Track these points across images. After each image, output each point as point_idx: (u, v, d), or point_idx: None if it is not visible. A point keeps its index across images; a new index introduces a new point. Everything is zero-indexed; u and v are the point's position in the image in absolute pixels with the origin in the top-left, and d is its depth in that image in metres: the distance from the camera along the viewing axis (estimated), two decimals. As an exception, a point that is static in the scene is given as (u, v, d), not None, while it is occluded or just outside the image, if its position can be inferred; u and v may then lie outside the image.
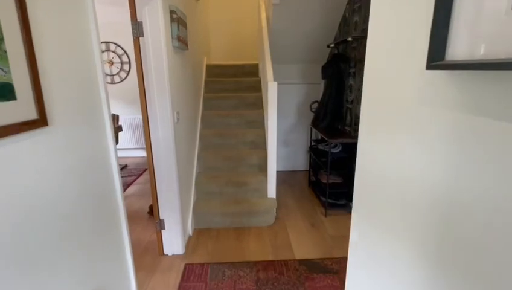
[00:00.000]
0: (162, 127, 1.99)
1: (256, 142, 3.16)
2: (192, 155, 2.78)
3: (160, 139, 2.01)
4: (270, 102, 2.58)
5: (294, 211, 2.97)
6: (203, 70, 3.63)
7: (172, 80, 2.08)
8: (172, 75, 2.07)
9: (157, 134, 2.00)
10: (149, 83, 1.90)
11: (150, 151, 2.04)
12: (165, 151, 2.04)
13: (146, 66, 1.87)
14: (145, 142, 2.04)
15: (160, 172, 2.07)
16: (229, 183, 2.80)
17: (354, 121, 2.84)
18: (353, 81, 2.86)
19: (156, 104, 1.94)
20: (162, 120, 1.98)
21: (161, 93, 1.93)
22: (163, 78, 1.90)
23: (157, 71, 1.88)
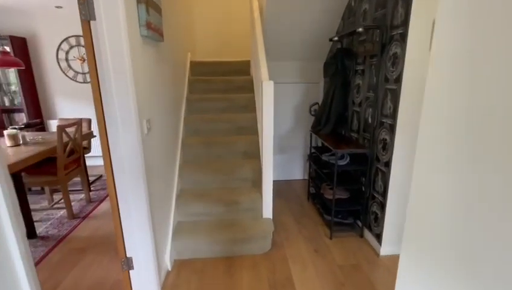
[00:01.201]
0: (125, 140, 1.52)
1: (248, 151, 2.72)
2: (172, 170, 2.31)
3: (123, 157, 1.53)
4: (266, 104, 2.14)
5: (294, 233, 2.53)
6: (187, 68, 3.15)
7: (141, 78, 1.61)
8: (140, 73, 1.60)
9: (118, 150, 1.52)
10: (105, 82, 1.43)
11: (111, 172, 1.57)
12: (130, 170, 1.56)
13: (101, 59, 1.40)
14: (103, 160, 1.56)
15: (124, 197, 1.60)
16: (217, 203, 2.34)
17: (363, 127, 2.42)
18: (361, 80, 2.44)
19: (116, 111, 1.47)
20: (125, 132, 1.50)
21: (122, 97, 1.45)
22: (124, 76, 1.43)
23: (117, 67, 1.41)
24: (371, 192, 2.31)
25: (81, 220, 2.80)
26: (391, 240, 2.18)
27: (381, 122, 2.13)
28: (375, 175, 2.24)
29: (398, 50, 1.88)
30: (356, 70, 2.54)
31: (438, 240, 0.87)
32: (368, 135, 2.34)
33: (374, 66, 2.21)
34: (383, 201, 2.15)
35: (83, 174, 3.14)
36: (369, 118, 2.31)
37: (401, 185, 2.05)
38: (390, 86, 1.98)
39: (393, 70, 1.94)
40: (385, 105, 2.06)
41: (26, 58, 3.95)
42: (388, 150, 2.04)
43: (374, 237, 2.29)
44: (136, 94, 1.53)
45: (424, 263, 0.94)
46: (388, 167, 2.05)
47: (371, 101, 2.27)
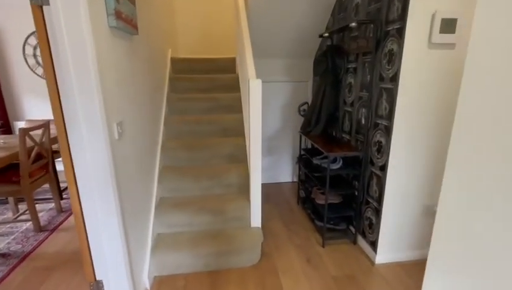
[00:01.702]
0: (91, 147, 1.30)
1: (235, 155, 2.53)
2: (150, 177, 2.09)
3: (88, 166, 1.32)
4: (253, 104, 1.97)
5: (285, 241, 2.37)
6: (167, 65, 2.93)
7: (110, 75, 1.40)
8: (109, 69, 1.38)
9: (82, 158, 1.31)
10: (64, 79, 1.21)
11: (74, 183, 1.35)
12: (97, 181, 1.35)
13: (58, 53, 1.17)
14: (64, 170, 1.34)
15: (92, 212, 1.39)
16: (201, 212, 2.15)
17: (356, 128, 2.30)
18: (353, 78, 2.32)
19: (78, 113, 1.25)
20: (90, 137, 1.29)
21: (86, 97, 1.24)
22: (88, 72, 1.21)
23: (78, 61, 1.19)
24: (365, 197, 2.19)
25: (50, 233, 2.53)
26: (387, 248, 2.06)
27: (375, 124, 2.00)
28: (369, 179, 2.12)
29: (395, 46, 1.75)
30: (348, 68, 2.41)
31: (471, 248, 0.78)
32: (361, 137, 2.21)
33: (367, 63, 2.09)
34: (378, 207, 2.03)
35: (53, 181, 2.85)
36: (363, 119, 2.19)
37: (398, 190, 1.94)
38: (386, 85, 1.86)
39: (389, 68, 1.81)
40: (380, 105, 1.94)
41: (-13, 53, 3.58)
42: (384, 153, 1.92)
43: (368, 245, 2.17)
44: (104, 93, 1.32)
45: (454, 273, 0.85)
46: (384, 171, 1.93)
47: (365, 101, 2.15)
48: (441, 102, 1.80)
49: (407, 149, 1.86)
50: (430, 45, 1.68)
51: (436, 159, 1.91)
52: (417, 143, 1.86)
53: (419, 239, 2.09)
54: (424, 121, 1.82)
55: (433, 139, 1.87)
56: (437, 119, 1.83)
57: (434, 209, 2.01)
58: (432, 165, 1.92)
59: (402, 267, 2.05)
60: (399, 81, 1.73)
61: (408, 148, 1.86)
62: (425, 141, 1.86)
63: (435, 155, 1.90)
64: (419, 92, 1.76)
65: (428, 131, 1.85)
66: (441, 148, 1.89)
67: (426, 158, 1.90)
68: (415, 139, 1.85)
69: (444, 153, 1.90)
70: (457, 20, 1.64)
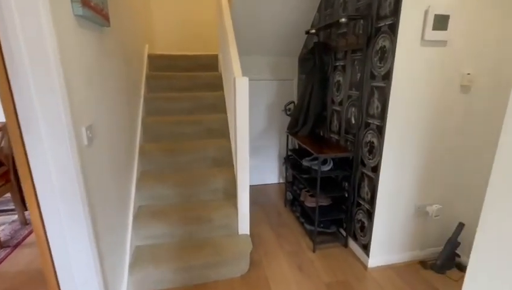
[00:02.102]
0: (53, 156, 1.11)
1: (219, 158, 2.38)
2: (127, 184, 1.90)
3: (51, 176, 1.13)
4: (239, 104, 1.83)
5: (274, 247, 2.26)
6: (144, 62, 2.72)
7: (77, 72, 1.21)
8: (75, 65, 1.19)
9: (43, 168, 1.11)
10: (18, 76, 1.01)
11: (34, 197, 1.15)
12: (62, 194, 1.16)
13: (9, 43, 0.98)
14: (21, 182, 1.14)
15: (56, 228, 1.19)
16: (184, 220, 1.99)
17: (345, 128, 2.23)
18: (341, 77, 2.24)
19: (37, 116, 1.06)
20: (52, 144, 1.10)
21: (46, 97, 1.05)
22: (47, 67, 1.02)
23: (35, 55, 1.00)
24: (356, 199, 2.13)
25: (12, 249, 2.26)
26: (379, 251, 2.01)
27: (366, 123, 1.94)
28: (360, 180, 2.06)
29: (387, 43, 1.69)
30: (336, 66, 2.33)
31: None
32: (351, 137, 2.14)
33: (357, 61, 2.02)
34: (370, 209, 1.97)
35: (15, 190, 2.56)
36: (352, 119, 2.12)
37: (391, 192, 1.89)
38: (378, 83, 1.79)
39: (381, 66, 1.75)
40: (371, 104, 1.87)
41: None
42: (376, 153, 1.86)
43: (360, 248, 2.11)
44: (69, 93, 1.13)
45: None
46: (376, 172, 1.87)
47: (354, 100, 2.08)
48: (433, 101, 1.76)
49: (400, 149, 1.81)
50: (423, 42, 1.63)
51: (427, 158, 1.87)
52: (409, 142, 1.81)
53: (410, 240, 2.06)
54: (417, 120, 1.77)
55: (424, 139, 1.83)
56: (429, 118, 1.79)
57: (425, 209, 1.98)
58: (423, 164, 1.88)
59: (394, 270, 2.00)
60: (392, 80, 1.66)
61: (400, 148, 1.81)
62: (417, 140, 1.82)
63: (426, 154, 1.86)
64: (412, 90, 1.71)
65: (420, 130, 1.80)
66: (432, 147, 1.85)
67: (418, 157, 1.86)
68: (407, 139, 1.80)
69: (436, 152, 1.87)
70: (449, 17, 1.60)
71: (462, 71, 1.74)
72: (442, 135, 1.84)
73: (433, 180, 1.93)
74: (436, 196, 1.98)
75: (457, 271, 1.99)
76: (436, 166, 1.90)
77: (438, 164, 1.90)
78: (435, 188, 1.96)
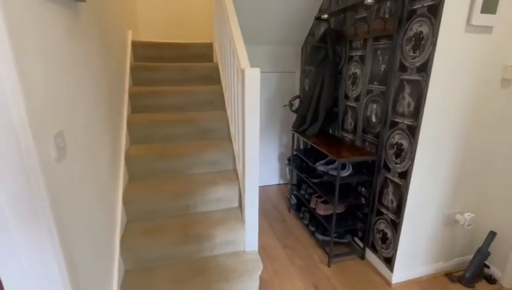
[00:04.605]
0: (4, 181, 0.78)
1: (220, 162, 2.08)
2: (112, 199, 1.56)
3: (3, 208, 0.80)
4: (249, 99, 1.52)
5: (284, 262, 2.01)
6: (127, 51, 2.33)
7: (37, 62, 0.86)
8: (34, 51, 0.85)
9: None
10: None
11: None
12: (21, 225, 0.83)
13: None
14: (-40, 221, 0.80)
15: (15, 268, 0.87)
16: (181, 239, 1.68)
17: (363, 127, 1.98)
18: (359, 68, 1.98)
19: (-26, 124, 0.72)
20: (2, 164, 0.77)
21: (-12, 96, 0.71)
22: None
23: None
24: (376, 206, 1.90)
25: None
26: (404, 264, 1.80)
27: (393, 122, 1.69)
28: (382, 187, 1.82)
29: (424, 29, 1.43)
30: (351, 56, 2.06)
31: None
32: (371, 137, 1.90)
33: (380, 50, 1.75)
34: (395, 219, 1.74)
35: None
36: (373, 116, 1.87)
37: (422, 200, 1.66)
38: (410, 76, 1.54)
39: (416, 55, 1.49)
40: (400, 101, 1.62)
41: None
42: (405, 157, 1.62)
43: (381, 261, 1.89)
44: (26, 91, 0.79)
45: None
46: (405, 178, 1.63)
47: (376, 95, 1.82)
48: (472, 97, 1.53)
49: (434, 153, 1.58)
50: (468, 28, 1.39)
51: (461, 163, 1.66)
52: (445, 145, 1.58)
53: (436, 251, 1.86)
54: (454, 120, 1.54)
55: (460, 141, 1.61)
56: (467, 117, 1.56)
57: (454, 217, 1.78)
58: (457, 169, 1.67)
59: (421, 286, 1.80)
60: (431, 72, 1.41)
61: (435, 151, 1.58)
62: (453, 142, 1.59)
63: (460, 158, 1.65)
64: (453, 85, 1.47)
65: (458, 131, 1.58)
66: (467, 150, 1.64)
67: (451, 162, 1.64)
68: (443, 141, 1.57)
69: (471, 156, 1.65)
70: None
71: (506, 63, 1.51)
72: (478, 137, 1.63)
73: (465, 187, 1.73)
74: (466, 203, 1.78)
75: (486, 284, 1.82)
76: (469, 171, 1.69)
77: (472, 169, 1.69)
78: (465, 194, 1.75)
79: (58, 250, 0.90)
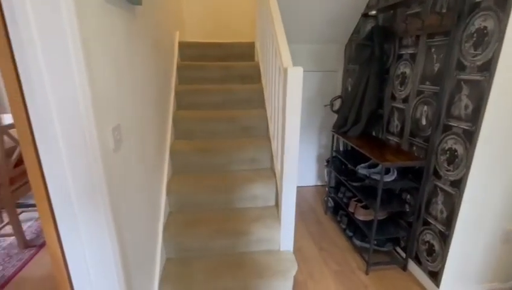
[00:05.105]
0: (72, 165, 0.87)
1: (258, 159, 2.10)
2: (157, 190, 1.67)
3: (69, 189, 0.90)
4: (291, 99, 1.52)
5: (319, 266, 1.97)
6: (175, 51, 2.46)
7: (101, 60, 0.95)
8: (99, 51, 0.94)
9: (59, 180, 0.88)
10: (29, 68, 0.77)
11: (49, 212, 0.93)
12: (83, 207, 0.93)
13: (17, 26, 0.73)
14: (34, 195, 0.92)
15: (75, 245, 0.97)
16: (219, 233, 1.74)
17: (411, 130, 1.85)
18: (409, 68, 1.86)
19: (52, 118, 0.81)
20: (71, 152, 0.86)
21: (63, 95, 0.80)
22: (66, 58, 0.77)
23: (50, 41, 0.75)
24: (423, 216, 1.77)
25: (37, 249, 2.13)
26: (452, 280, 1.65)
27: (446, 126, 1.56)
28: (431, 195, 1.69)
29: (490, 24, 1.29)
30: (400, 54, 1.94)
31: None
32: (420, 142, 1.77)
33: (435, 48, 1.62)
34: (444, 231, 1.61)
35: (41, 186, 2.43)
36: (423, 119, 1.74)
37: (477, 212, 1.51)
38: (469, 76, 1.41)
39: (477, 53, 1.36)
40: (456, 103, 1.49)
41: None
42: (459, 165, 1.48)
43: (425, 274, 1.77)
44: (92, 88, 0.88)
45: None
46: (458, 187, 1.50)
47: (428, 96, 1.70)
48: (545, 100, 1.35)
49: (494, 160, 1.42)
50: (544, 21, 1.22)
51: (527, 174, 1.48)
52: (510, 152, 1.42)
53: (491, 270, 1.68)
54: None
55: (527, 149, 1.43)
56: (537, 122, 1.39)
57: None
58: (522, 181, 1.49)
59: (471, 306, 1.64)
60: (495, 72, 1.28)
61: (494, 159, 1.42)
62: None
63: (526, 168, 1.47)
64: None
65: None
66: (536, 159, 1.45)
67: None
68: (505, 148, 1.41)
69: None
70: None
71: None
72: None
73: (532, 200, 1.53)
74: (532, 219, 1.58)
75: (553, 313, 1.60)
76: (538, 183, 1.50)
77: (541, 180, 1.50)
78: (532, 209, 1.56)
79: (111, 229, 0.98)
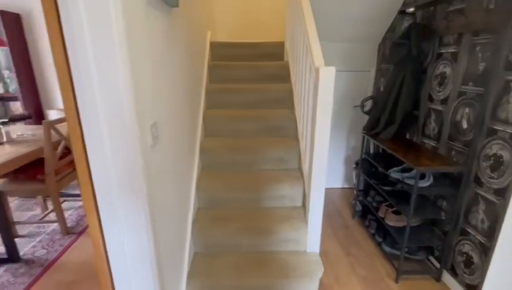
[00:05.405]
0: (115, 160, 0.93)
1: (286, 159, 2.10)
2: (187, 186, 1.73)
3: (111, 182, 0.95)
4: (322, 99, 1.50)
5: (345, 270, 1.93)
6: (206, 50, 2.53)
7: (142, 60, 1.00)
8: (140, 52, 0.99)
9: (103, 174, 0.94)
10: (80, 68, 0.83)
11: (93, 203, 1.00)
12: (122, 198, 0.99)
13: (72, 29, 0.79)
14: (79, 185, 0.99)
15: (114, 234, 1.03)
16: (246, 231, 1.76)
17: (450, 133, 1.75)
18: (450, 67, 1.75)
19: (98, 114, 0.87)
20: (115, 147, 0.92)
21: (110, 92, 0.86)
22: (113, 57, 0.83)
23: (100, 43, 0.81)
24: (460, 225, 1.67)
25: (77, 236, 2.29)
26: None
27: (491, 130, 1.45)
28: (471, 203, 1.59)
29: (546, 19, 1.19)
30: (440, 53, 1.84)
31: None
32: (460, 146, 1.67)
33: (480, 46, 1.52)
34: (486, 243, 1.50)
35: (81, 178, 2.61)
36: (464, 122, 1.64)
37: (524, 224, 1.40)
38: (520, 76, 1.30)
39: (530, 52, 1.25)
40: (504, 105, 1.38)
41: (21, 37, 3.41)
42: (505, 172, 1.38)
43: (462, 287, 1.66)
44: (135, 85, 0.93)
45: None
46: (503, 196, 1.39)
47: (471, 97, 1.59)
48: None
49: (546, 169, 1.31)
50: None
51: None
52: None
53: (539, 288, 1.54)
54: None
55: None
56: None
57: None
58: None
59: (514, 325, 1.52)
60: (551, 72, 1.17)
61: (547, 168, 1.30)
62: None
63: None
64: None
65: None
66: None
67: None
68: (561, 156, 1.29)
69: None
70: None
71: None
72: None
73: None
74: None
75: None
76: None
77: None
78: None
79: (148, 220, 1.03)
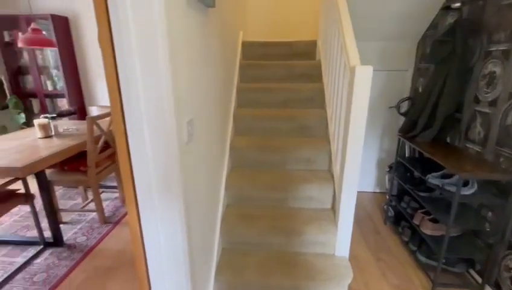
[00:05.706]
0: (154, 155, 0.97)
1: (315, 160, 2.06)
2: (218, 182, 1.76)
3: (150, 176, 1.00)
4: (358, 99, 1.45)
5: (376, 278, 1.85)
6: (238, 50, 2.56)
7: (180, 58, 1.04)
8: (179, 50, 1.02)
9: (143, 168, 0.99)
10: (126, 67, 0.88)
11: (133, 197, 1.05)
12: (160, 193, 1.03)
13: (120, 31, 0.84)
14: (122, 181, 1.05)
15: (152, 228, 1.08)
16: (273, 230, 1.76)
17: (497, 138, 1.61)
18: (499, 66, 1.61)
19: (140, 110, 0.92)
20: (154, 142, 0.96)
21: (152, 89, 0.90)
22: (155, 56, 0.87)
23: (144, 42, 0.85)
24: (508, 237, 1.53)
25: (113, 226, 2.44)
26: (544, 319, 1.40)
27: (548, 136, 1.32)
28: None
29: None
30: (489, 51, 1.70)
31: None
32: (509, 152, 1.53)
33: (538, 43, 1.38)
34: (538, 259, 1.37)
35: (119, 171, 2.77)
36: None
37: None
38: None
39: None
40: None
41: (68, 39, 3.69)
42: None
43: (507, 306, 1.53)
44: (174, 84, 0.96)
45: None
46: (561, 210, 1.26)
47: (525, 99, 1.46)
48: None
49: None
50: None
51: None
52: None
53: None
54: None
55: None
56: None
57: None
58: None
59: None
60: None
61: None
62: None
63: None
64: None
65: None
66: None
67: None
68: None
69: None
70: None
71: None
72: None
73: None
74: None
75: None
76: None
77: None
78: None
79: (182, 214, 1.07)
